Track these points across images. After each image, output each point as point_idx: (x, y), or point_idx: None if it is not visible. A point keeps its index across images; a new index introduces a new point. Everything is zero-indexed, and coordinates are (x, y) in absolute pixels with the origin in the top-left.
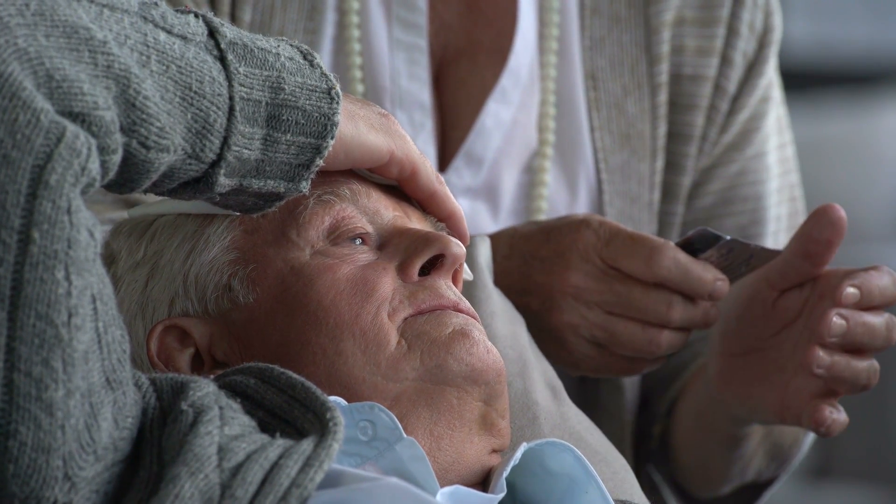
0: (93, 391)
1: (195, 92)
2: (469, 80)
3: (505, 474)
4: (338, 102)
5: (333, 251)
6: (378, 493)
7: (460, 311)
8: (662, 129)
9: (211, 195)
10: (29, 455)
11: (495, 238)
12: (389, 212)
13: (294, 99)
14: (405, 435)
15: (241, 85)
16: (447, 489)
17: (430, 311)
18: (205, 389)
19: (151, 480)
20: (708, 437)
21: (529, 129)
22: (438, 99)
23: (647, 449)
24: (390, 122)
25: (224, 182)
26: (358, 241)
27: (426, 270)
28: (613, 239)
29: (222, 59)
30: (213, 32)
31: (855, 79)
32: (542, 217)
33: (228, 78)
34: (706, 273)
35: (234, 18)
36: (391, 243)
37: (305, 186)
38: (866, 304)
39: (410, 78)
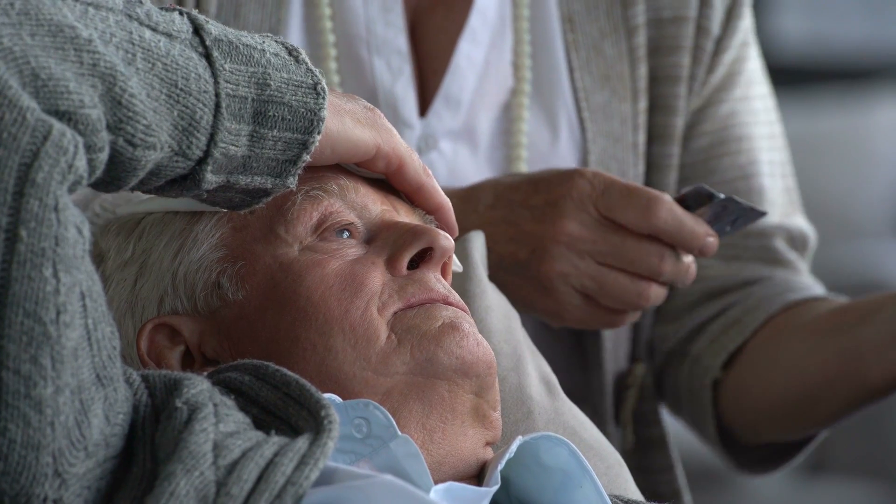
0: (83, 388)
1: (181, 89)
2: (445, 27)
3: (500, 467)
4: (324, 98)
5: (322, 247)
6: (372, 491)
7: (450, 304)
8: (642, 71)
9: (198, 192)
10: (18, 452)
11: (477, 188)
12: (377, 206)
13: (280, 95)
14: (399, 433)
15: (227, 82)
16: (441, 486)
17: (419, 305)
18: (199, 387)
19: (145, 478)
20: (847, 385)
21: (504, 69)
22: (417, 47)
23: (697, 398)
24: (376, 116)
25: (211, 179)
26: (346, 235)
27: (415, 264)
28: (609, 189)
29: (207, 56)
30: (197, 30)
31: (850, 74)
32: (524, 156)
33: (214, 75)
34: (699, 227)
35: None
36: (379, 237)
37: (293, 182)
38: None
39: (386, 25)
